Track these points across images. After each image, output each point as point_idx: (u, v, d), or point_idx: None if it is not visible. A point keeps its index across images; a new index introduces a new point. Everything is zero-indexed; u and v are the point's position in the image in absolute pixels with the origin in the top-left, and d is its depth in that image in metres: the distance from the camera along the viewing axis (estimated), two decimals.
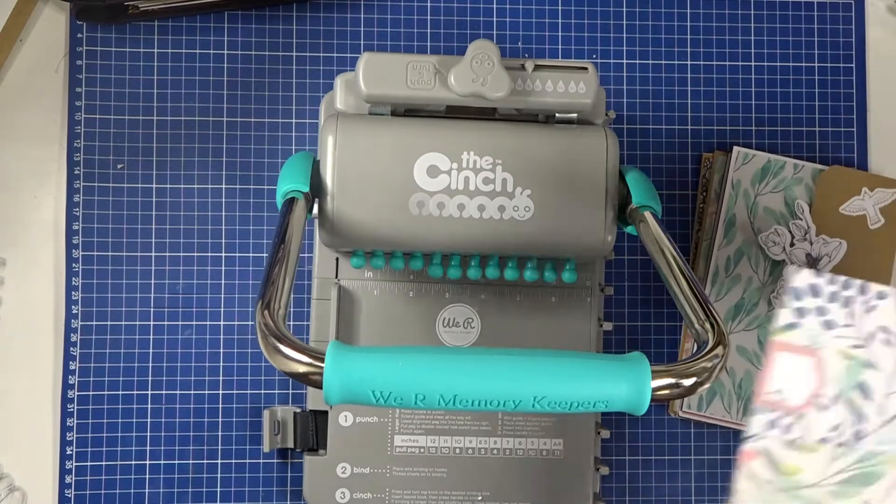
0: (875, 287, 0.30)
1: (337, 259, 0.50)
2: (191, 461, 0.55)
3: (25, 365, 0.55)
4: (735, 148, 0.58)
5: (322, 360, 0.33)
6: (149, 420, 0.55)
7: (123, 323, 0.55)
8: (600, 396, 0.34)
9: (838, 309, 0.29)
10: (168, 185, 0.56)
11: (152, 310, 0.56)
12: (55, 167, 0.56)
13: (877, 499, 0.30)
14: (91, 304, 0.55)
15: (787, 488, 0.30)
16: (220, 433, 0.55)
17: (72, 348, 0.55)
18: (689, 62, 0.59)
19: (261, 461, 0.55)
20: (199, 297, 0.56)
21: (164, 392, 0.55)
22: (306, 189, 0.43)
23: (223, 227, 0.56)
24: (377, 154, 0.45)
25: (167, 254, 0.56)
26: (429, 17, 0.58)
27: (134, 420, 0.55)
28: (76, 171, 0.56)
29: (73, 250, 0.55)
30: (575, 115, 0.46)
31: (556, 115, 0.46)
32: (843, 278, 0.30)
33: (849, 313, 0.29)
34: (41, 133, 0.56)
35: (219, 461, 0.55)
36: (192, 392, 0.55)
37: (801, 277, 0.29)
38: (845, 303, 0.29)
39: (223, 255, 0.56)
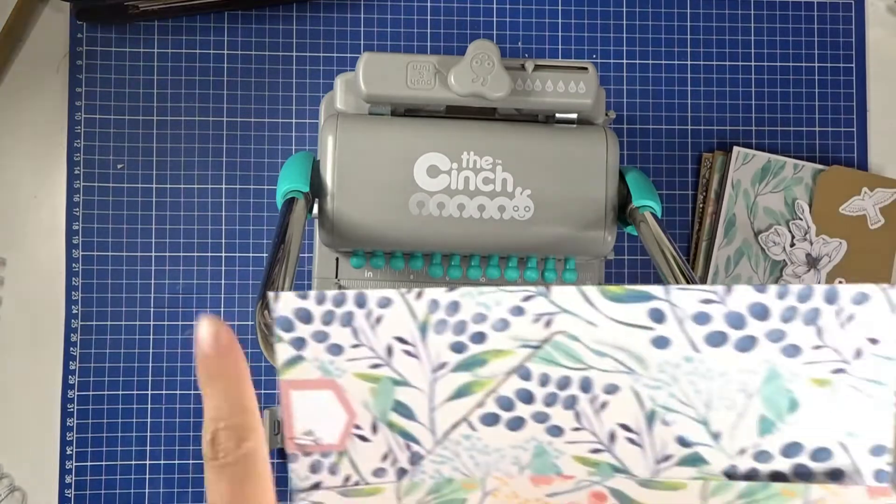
0: (374, 294, 0.24)
1: (337, 259, 0.50)
2: (191, 461, 0.55)
3: (25, 365, 0.55)
4: (735, 148, 0.58)
5: None
6: (149, 420, 0.55)
7: (123, 323, 0.55)
8: None
9: (339, 329, 0.24)
10: (168, 185, 0.56)
11: (152, 310, 0.56)
12: (55, 167, 0.56)
13: None
14: (91, 304, 0.55)
15: None
16: None
17: (72, 348, 0.55)
18: (689, 62, 0.59)
19: None
20: (199, 297, 0.56)
21: (164, 392, 0.55)
22: (306, 189, 0.43)
23: (223, 227, 0.56)
24: (377, 154, 0.45)
25: (167, 254, 0.56)
26: (429, 17, 0.58)
27: (134, 420, 0.55)
28: (76, 171, 0.56)
29: (73, 250, 0.55)
30: (575, 115, 0.46)
31: (556, 115, 0.46)
32: (334, 294, 0.24)
33: (353, 331, 0.24)
34: (41, 133, 0.56)
35: None
36: (192, 392, 0.55)
37: (284, 304, 0.23)
38: (346, 320, 0.24)
39: (223, 255, 0.56)
